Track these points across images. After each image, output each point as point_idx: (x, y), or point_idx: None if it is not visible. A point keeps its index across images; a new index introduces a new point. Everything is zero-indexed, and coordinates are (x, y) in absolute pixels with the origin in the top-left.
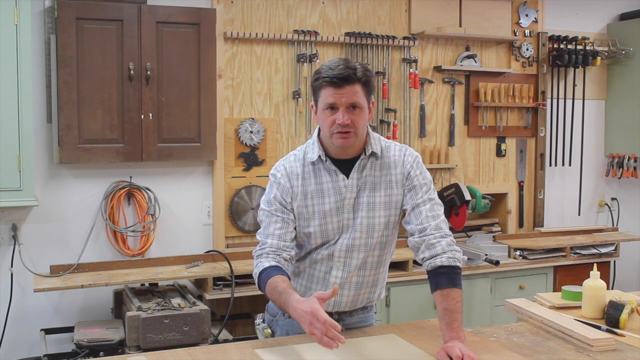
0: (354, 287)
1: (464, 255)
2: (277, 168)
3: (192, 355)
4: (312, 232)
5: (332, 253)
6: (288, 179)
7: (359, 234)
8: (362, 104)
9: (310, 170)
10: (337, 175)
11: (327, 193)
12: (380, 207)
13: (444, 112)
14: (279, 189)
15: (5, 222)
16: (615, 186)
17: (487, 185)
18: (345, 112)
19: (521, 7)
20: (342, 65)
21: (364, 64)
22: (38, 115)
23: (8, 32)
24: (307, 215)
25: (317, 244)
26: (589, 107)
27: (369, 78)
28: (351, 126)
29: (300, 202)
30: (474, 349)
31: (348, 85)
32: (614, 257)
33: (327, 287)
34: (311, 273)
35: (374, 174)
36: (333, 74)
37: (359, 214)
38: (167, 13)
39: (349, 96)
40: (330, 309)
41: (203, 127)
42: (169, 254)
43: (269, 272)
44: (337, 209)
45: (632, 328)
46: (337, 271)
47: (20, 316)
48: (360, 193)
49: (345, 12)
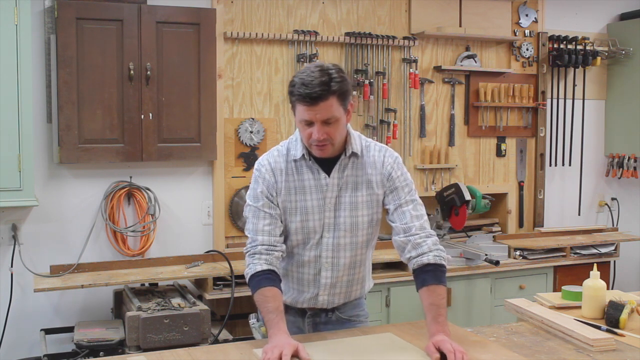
0: (345, 286)
1: (464, 255)
2: (261, 163)
3: (192, 355)
4: (293, 227)
5: (320, 254)
6: (273, 174)
7: (344, 233)
8: (337, 116)
9: (293, 167)
10: (319, 174)
11: (308, 190)
12: (362, 206)
13: (444, 112)
14: (265, 183)
15: (5, 222)
16: (615, 186)
17: (487, 185)
18: (320, 127)
19: (521, 7)
20: (316, 82)
21: (338, 69)
22: (38, 115)
23: (8, 32)
24: (290, 210)
25: (298, 240)
26: (589, 107)
27: (344, 88)
28: (327, 139)
29: (284, 197)
30: (474, 349)
31: (322, 101)
32: (614, 257)
33: (319, 289)
34: (300, 277)
35: (355, 174)
36: (306, 92)
37: (341, 212)
38: (167, 13)
39: (323, 113)
40: (326, 306)
41: (203, 127)
42: (169, 254)
43: (260, 280)
44: (318, 207)
45: (632, 328)
46: (326, 272)
47: (20, 316)
48: (342, 192)
49: (345, 12)
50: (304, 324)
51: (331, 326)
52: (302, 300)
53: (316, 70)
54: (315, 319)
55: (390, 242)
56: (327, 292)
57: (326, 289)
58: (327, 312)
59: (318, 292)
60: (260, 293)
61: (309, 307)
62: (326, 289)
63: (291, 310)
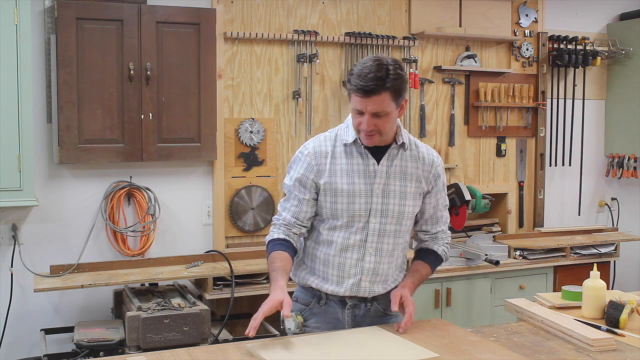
0: (385, 274)
1: (464, 255)
2: (305, 146)
3: (192, 355)
4: (339, 208)
5: (365, 239)
6: (314, 157)
7: (391, 220)
8: (387, 111)
9: (342, 151)
10: (368, 159)
11: (356, 174)
12: (410, 196)
13: (444, 112)
14: (303, 166)
15: (5, 222)
16: (615, 186)
17: (487, 185)
18: (370, 118)
19: (521, 7)
20: (372, 75)
21: (396, 66)
22: (38, 115)
23: (8, 32)
24: (335, 192)
25: (343, 223)
26: (589, 107)
27: (399, 85)
28: (375, 130)
29: (327, 179)
30: (474, 349)
31: (375, 95)
32: (614, 257)
33: (362, 274)
34: (342, 262)
35: (404, 164)
36: (361, 85)
37: (390, 200)
38: (167, 13)
39: (374, 106)
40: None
41: (203, 127)
42: (169, 254)
43: (274, 245)
44: (365, 191)
45: (632, 328)
46: (370, 256)
47: (20, 316)
48: (391, 180)
49: (345, 12)
50: (344, 315)
51: (369, 319)
52: (344, 288)
53: (375, 64)
54: (354, 310)
55: None
56: (369, 278)
57: (369, 275)
58: (367, 303)
59: (361, 278)
60: (272, 255)
61: (350, 295)
62: (369, 274)
63: (331, 301)
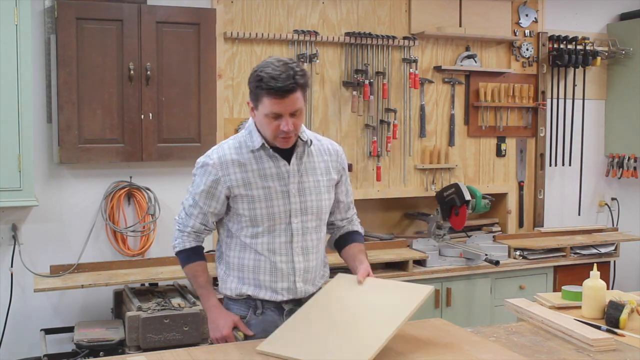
0: (314, 270)
1: (464, 255)
2: (209, 156)
3: (192, 355)
4: (259, 214)
5: (290, 239)
6: (220, 167)
7: (311, 216)
8: (302, 108)
9: (251, 157)
10: (279, 161)
11: (270, 178)
12: (325, 190)
13: (444, 112)
14: (210, 178)
15: (5, 222)
16: (615, 186)
17: (487, 185)
18: (289, 119)
19: (521, 7)
20: (284, 75)
21: (297, 63)
22: (38, 115)
23: (8, 32)
24: (252, 198)
25: (265, 228)
26: (589, 107)
27: (306, 80)
28: (293, 130)
29: (242, 189)
30: (474, 349)
31: (291, 94)
32: (614, 257)
33: (295, 276)
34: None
35: (312, 160)
36: (277, 86)
37: (307, 197)
38: (167, 13)
39: (292, 105)
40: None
41: (203, 127)
42: (169, 254)
43: (190, 256)
44: (282, 192)
45: (632, 328)
46: (298, 257)
47: (20, 316)
48: (304, 178)
49: (345, 12)
50: (283, 321)
51: None
52: (280, 294)
53: (281, 65)
54: (292, 314)
55: (390, 242)
56: (301, 278)
57: (301, 275)
58: (302, 303)
59: (295, 280)
60: (191, 268)
61: (287, 299)
62: (301, 274)
63: (267, 309)
